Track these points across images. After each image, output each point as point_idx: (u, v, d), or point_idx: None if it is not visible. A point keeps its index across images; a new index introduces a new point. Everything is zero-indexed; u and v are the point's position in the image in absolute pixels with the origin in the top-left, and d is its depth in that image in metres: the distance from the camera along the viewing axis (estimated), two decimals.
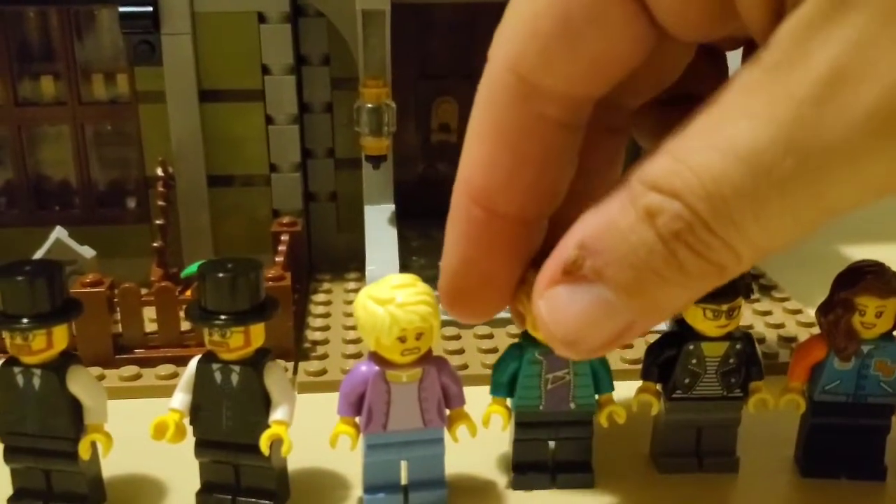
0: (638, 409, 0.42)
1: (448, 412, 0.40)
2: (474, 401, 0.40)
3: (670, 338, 0.42)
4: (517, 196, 0.28)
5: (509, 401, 0.41)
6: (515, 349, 0.41)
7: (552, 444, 0.42)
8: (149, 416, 0.39)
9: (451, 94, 0.67)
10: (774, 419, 0.43)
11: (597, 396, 0.41)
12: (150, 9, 0.57)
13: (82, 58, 0.61)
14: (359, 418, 0.39)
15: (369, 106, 0.57)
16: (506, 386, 0.41)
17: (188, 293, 0.53)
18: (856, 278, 0.40)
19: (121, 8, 0.56)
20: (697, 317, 0.40)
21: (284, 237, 0.56)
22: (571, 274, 0.26)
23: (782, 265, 0.66)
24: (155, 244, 0.56)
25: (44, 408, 0.38)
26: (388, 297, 0.36)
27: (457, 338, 0.55)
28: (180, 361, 0.49)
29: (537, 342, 0.39)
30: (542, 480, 0.42)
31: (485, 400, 0.41)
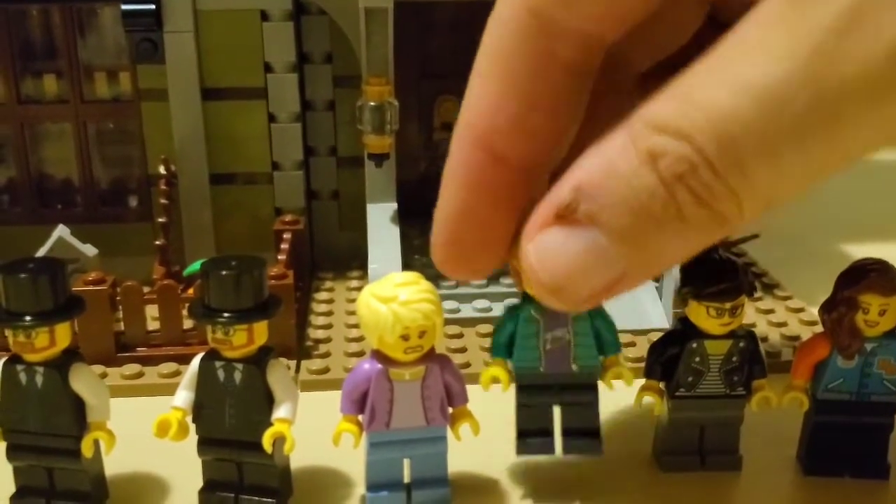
0: (640, 408, 0.42)
1: (451, 410, 0.40)
2: (477, 399, 0.40)
3: (673, 336, 0.42)
4: (522, 140, 0.27)
5: (510, 364, 0.41)
6: (513, 308, 0.40)
7: (558, 413, 0.41)
8: (151, 414, 0.39)
9: (454, 92, 0.67)
10: (777, 417, 0.42)
11: (601, 358, 0.41)
12: (153, 6, 0.57)
13: (85, 56, 0.61)
14: (361, 416, 0.39)
15: (372, 104, 0.57)
16: (504, 347, 0.40)
17: (190, 291, 0.53)
18: (859, 276, 0.40)
19: (123, 6, 0.57)
20: (701, 315, 0.40)
21: (287, 235, 0.56)
22: (564, 218, 0.24)
23: (785, 264, 0.66)
24: (157, 242, 0.56)
25: (46, 406, 0.38)
26: (391, 294, 0.36)
27: (459, 336, 0.55)
28: (182, 359, 0.50)
29: (535, 300, 0.39)
30: (546, 446, 0.42)
31: (488, 398, 0.41)
